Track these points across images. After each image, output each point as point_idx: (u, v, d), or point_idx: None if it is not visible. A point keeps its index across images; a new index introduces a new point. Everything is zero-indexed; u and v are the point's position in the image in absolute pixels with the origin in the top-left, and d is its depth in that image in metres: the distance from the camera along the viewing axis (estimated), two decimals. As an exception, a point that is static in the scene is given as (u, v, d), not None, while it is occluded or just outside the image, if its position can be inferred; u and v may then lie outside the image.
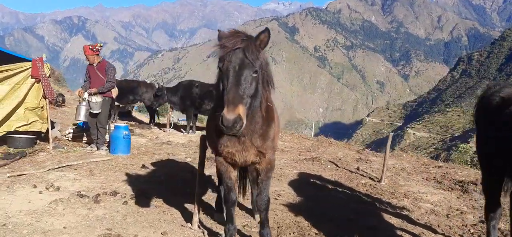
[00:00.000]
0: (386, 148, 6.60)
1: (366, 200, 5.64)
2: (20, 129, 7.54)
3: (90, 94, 7.67)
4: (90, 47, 7.84)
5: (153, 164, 7.05)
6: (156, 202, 4.99)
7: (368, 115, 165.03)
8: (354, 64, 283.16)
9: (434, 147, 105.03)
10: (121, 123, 10.45)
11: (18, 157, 6.80)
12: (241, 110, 2.62)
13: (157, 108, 11.60)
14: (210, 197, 5.47)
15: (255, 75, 2.79)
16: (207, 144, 4.22)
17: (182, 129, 11.00)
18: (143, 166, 6.76)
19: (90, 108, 7.73)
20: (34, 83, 7.58)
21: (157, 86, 10.64)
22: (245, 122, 2.68)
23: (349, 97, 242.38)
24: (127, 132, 7.81)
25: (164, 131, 10.82)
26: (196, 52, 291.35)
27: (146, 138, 9.56)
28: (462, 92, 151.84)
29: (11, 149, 7.38)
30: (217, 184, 4.92)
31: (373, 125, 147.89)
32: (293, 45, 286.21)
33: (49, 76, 7.70)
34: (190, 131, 10.58)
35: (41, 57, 7.61)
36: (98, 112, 7.74)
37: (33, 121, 7.72)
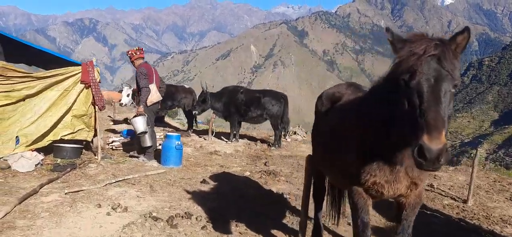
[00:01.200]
0: (474, 164, 6.01)
1: (465, 227, 5.06)
2: (66, 138, 7.07)
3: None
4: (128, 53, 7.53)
5: (211, 178, 6.53)
6: (239, 227, 4.46)
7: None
8: (363, 68, 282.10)
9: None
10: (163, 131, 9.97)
11: (68, 169, 6.32)
12: (444, 137, 2.06)
13: (198, 114, 11.10)
14: (290, 220, 4.93)
15: (454, 90, 2.18)
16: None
17: (223, 137, 10.49)
18: (204, 181, 6.24)
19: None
20: (83, 88, 7.11)
21: (202, 90, 10.12)
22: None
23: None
24: (179, 143, 7.30)
25: (205, 139, 10.31)
26: (206, 55, 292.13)
27: (190, 147, 9.05)
28: (472, 98, 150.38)
29: (59, 160, 6.91)
30: (314, 210, 4.35)
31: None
32: (302, 48, 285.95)
33: (99, 81, 7.22)
34: (234, 139, 10.05)
35: (92, 61, 7.14)
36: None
37: (80, 129, 7.25)
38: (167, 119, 13.79)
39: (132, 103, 11.09)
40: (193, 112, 10.34)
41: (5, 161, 6.20)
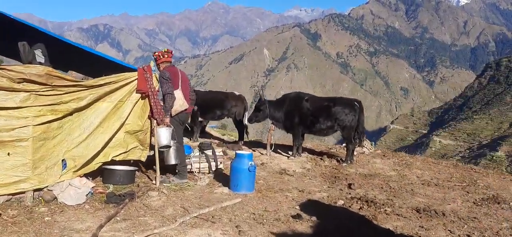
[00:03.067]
0: None
1: None
2: (117, 158, 5.85)
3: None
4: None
5: (302, 210, 5.24)
6: None
7: (392, 122, 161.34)
8: (378, 70, 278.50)
9: (461, 155, 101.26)
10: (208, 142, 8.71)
11: (126, 200, 5.09)
12: None
13: (248, 125, 9.83)
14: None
15: None
16: None
17: (279, 150, 9.10)
18: (297, 217, 4.93)
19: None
20: (139, 99, 5.88)
21: (259, 97, 8.81)
22: None
23: (372, 104, 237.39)
24: (252, 163, 6.02)
25: (261, 153, 9.02)
26: (218, 59, 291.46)
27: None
28: (490, 99, 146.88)
29: (111, 186, 5.68)
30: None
31: (397, 132, 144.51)
32: (315, 51, 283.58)
33: (157, 90, 5.99)
34: (297, 154, 8.72)
35: (149, 66, 5.91)
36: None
37: (133, 148, 6.02)
38: (209, 130, 12.54)
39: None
40: (248, 122, 9.07)
41: (50, 192, 4.99)
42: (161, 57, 6.30)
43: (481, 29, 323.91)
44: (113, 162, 5.83)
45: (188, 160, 6.99)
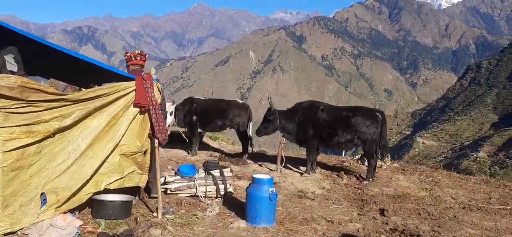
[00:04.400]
0: None
1: None
2: (111, 186, 4.79)
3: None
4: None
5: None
6: None
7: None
8: (362, 72, 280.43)
9: (444, 156, 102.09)
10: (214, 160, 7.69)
11: (123, 242, 4.04)
12: None
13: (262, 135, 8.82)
14: None
15: None
16: None
17: (289, 165, 8.07)
18: (339, 261, 3.96)
19: None
20: (137, 114, 4.83)
21: (268, 106, 7.76)
22: None
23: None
24: (273, 190, 5.02)
25: (271, 169, 8.03)
26: (204, 61, 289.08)
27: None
28: (471, 101, 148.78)
29: (103, 222, 4.61)
30: None
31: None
32: (301, 54, 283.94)
33: (160, 103, 4.95)
34: (311, 170, 7.74)
35: (150, 74, 4.86)
36: None
37: (129, 173, 4.95)
38: (206, 139, 11.45)
39: (174, 123, 8.86)
40: (257, 135, 8.06)
41: (26, 236, 3.91)
42: (133, 58, 5.41)
43: (462, 32, 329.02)
44: (106, 191, 4.77)
45: (193, 183, 5.97)
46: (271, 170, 8.00)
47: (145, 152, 5.03)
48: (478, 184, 7.56)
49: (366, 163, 8.96)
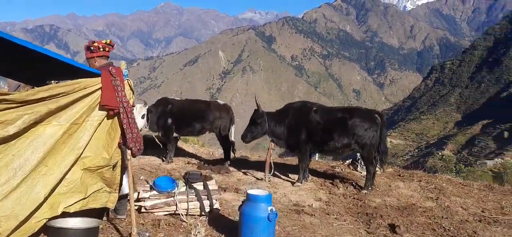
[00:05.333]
0: None
1: None
2: (72, 209, 3.80)
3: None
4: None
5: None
6: None
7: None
8: (331, 73, 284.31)
9: (410, 154, 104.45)
10: (215, 176, 6.80)
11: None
12: None
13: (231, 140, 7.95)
14: None
15: None
16: None
17: (278, 173, 7.22)
18: None
19: None
20: (104, 118, 3.87)
21: (256, 108, 6.87)
22: None
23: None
24: (272, 209, 4.17)
25: (257, 178, 7.19)
26: (173, 61, 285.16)
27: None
28: (436, 100, 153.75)
29: (60, 257, 3.62)
30: None
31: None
32: (271, 54, 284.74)
33: (133, 105, 4.01)
34: (303, 179, 6.94)
35: (119, 68, 3.90)
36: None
37: (95, 192, 3.97)
38: (181, 144, 10.43)
39: (146, 127, 7.86)
40: (242, 140, 7.16)
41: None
42: (101, 49, 4.32)
43: (426, 33, 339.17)
44: (64, 215, 3.78)
45: (172, 199, 5.04)
46: (258, 179, 7.15)
47: (114, 166, 4.07)
48: (482, 190, 6.99)
49: (359, 168, 8.28)
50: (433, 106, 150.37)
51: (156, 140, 8.08)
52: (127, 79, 3.93)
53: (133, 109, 3.99)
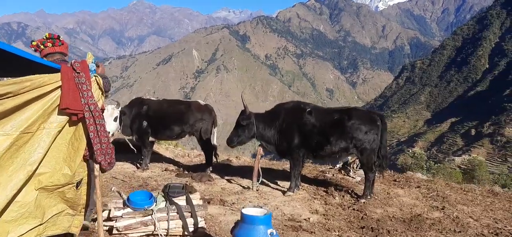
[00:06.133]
0: None
1: None
2: (24, 239, 3.01)
3: None
4: None
5: None
6: None
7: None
8: (304, 72, 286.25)
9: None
10: (197, 186, 6.06)
11: None
12: None
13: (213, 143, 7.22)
14: None
15: None
16: None
17: (265, 180, 6.53)
18: None
19: None
20: (65, 126, 3.08)
21: (243, 108, 6.12)
22: None
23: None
24: (273, 232, 3.48)
25: (244, 187, 6.49)
26: (145, 60, 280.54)
27: (233, 207, 5.22)
28: (406, 99, 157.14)
29: None
30: None
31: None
32: (245, 53, 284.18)
33: (102, 108, 3.23)
34: (295, 188, 6.27)
35: (85, 61, 3.12)
36: None
37: (55, 216, 3.19)
38: (156, 147, 9.58)
39: (119, 130, 7.03)
40: (228, 144, 6.41)
41: None
42: (42, 47, 3.65)
43: (398, 33, 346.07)
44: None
45: (150, 218, 4.28)
46: (244, 187, 6.45)
47: (78, 184, 3.28)
48: (486, 197, 6.51)
49: (351, 173, 7.70)
50: (404, 105, 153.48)
51: (130, 145, 7.26)
52: (94, 76, 3.15)
53: (103, 113, 3.21)
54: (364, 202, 5.88)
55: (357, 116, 5.96)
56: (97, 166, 3.23)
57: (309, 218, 5.13)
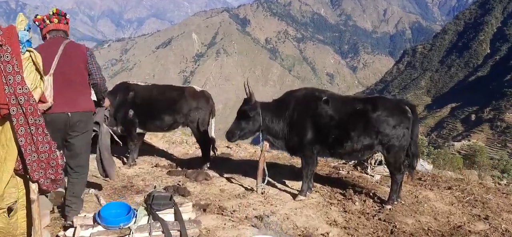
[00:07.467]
0: None
1: None
2: None
3: None
4: None
5: None
6: None
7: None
8: (305, 56, 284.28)
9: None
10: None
11: None
12: None
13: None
14: None
15: None
16: None
17: (270, 179, 5.52)
18: None
19: None
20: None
21: (248, 95, 5.08)
22: None
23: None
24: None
25: (246, 187, 5.51)
26: (145, 43, 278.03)
27: (234, 217, 4.24)
28: (407, 84, 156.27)
29: None
30: None
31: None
32: (245, 37, 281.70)
33: (43, 101, 2.21)
34: (308, 190, 5.27)
35: (11, 28, 2.09)
36: None
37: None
38: (148, 137, 8.56)
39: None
40: (229, 139, 5.40)
41: None
42: (47, 22, 3.23)
43: (399, 17, 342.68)
44: None
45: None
46: (247, 189, 5.47)
47: (11, 209, 2.28)
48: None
49: (369, 170, 6.70)
50: (405, 90, 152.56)
51: (115, 137, 6.24)
52: (28, 50, 2.11)
53: (43, 107, 2.19)
54: (390, 209, 4.90)
55: (384, 107, 4.90)
56: (34, 186, 2.21)
57: (327, 233, 4.14)
